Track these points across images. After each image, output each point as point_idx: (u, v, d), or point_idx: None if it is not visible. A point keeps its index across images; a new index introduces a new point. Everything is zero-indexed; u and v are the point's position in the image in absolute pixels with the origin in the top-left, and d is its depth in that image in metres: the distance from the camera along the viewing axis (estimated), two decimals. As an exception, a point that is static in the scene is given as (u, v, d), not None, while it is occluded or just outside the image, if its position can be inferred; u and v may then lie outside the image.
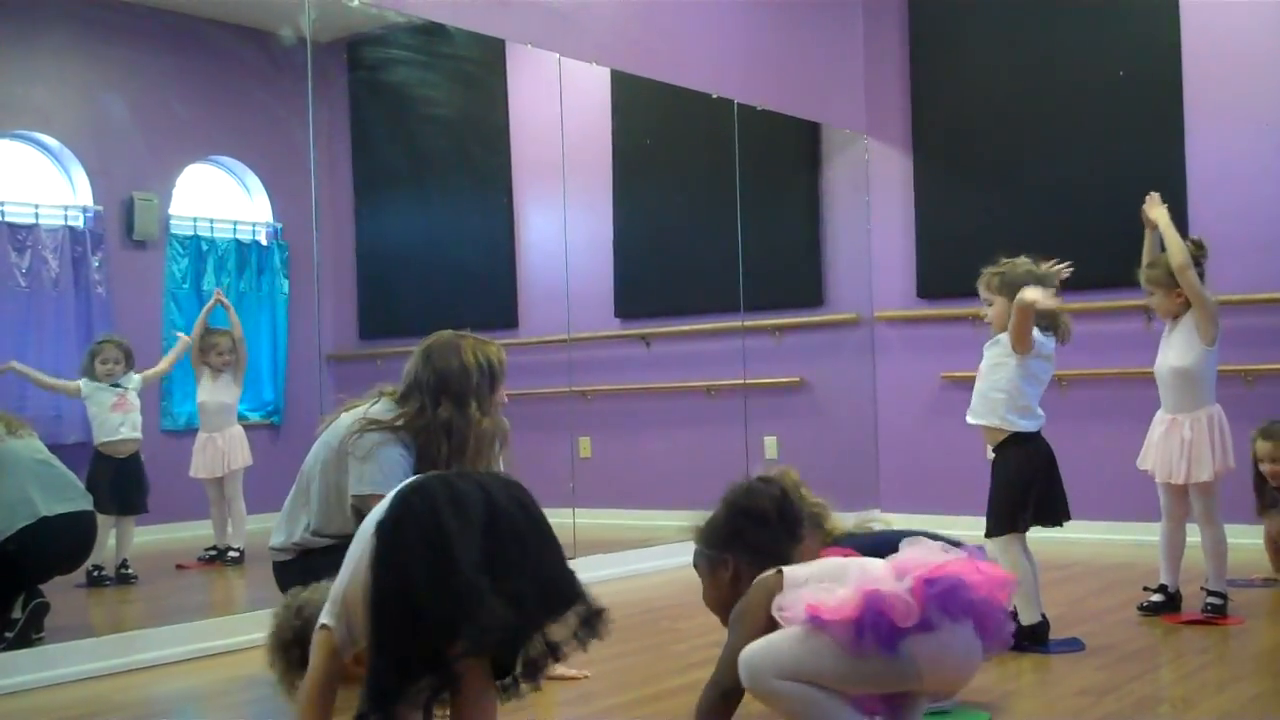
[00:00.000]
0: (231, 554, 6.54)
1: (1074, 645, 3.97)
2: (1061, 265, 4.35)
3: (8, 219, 7.20)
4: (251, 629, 4.44)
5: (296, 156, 6.36)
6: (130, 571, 5.96)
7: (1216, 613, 4.32)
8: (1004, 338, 4.20)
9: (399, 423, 3.56)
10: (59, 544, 4.44)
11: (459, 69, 8.48)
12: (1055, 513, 4.15)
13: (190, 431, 7.83)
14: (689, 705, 3.25)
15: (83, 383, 6.07)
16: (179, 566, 6.45)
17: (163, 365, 6.50)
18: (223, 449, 6.70)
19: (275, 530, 3.80)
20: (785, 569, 2.67)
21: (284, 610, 2.75)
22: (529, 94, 7.88)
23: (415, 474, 3.47)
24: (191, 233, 8.15)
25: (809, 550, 2.92)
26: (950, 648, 2.46)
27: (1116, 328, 6.64)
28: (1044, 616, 3.99)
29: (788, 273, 7.59)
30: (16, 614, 4.19)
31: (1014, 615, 4.00)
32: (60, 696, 3.77)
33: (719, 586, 2.88)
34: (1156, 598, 4.47)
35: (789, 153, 7.74)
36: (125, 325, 7.60)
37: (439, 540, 2.17)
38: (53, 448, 4.81)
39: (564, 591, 2.31)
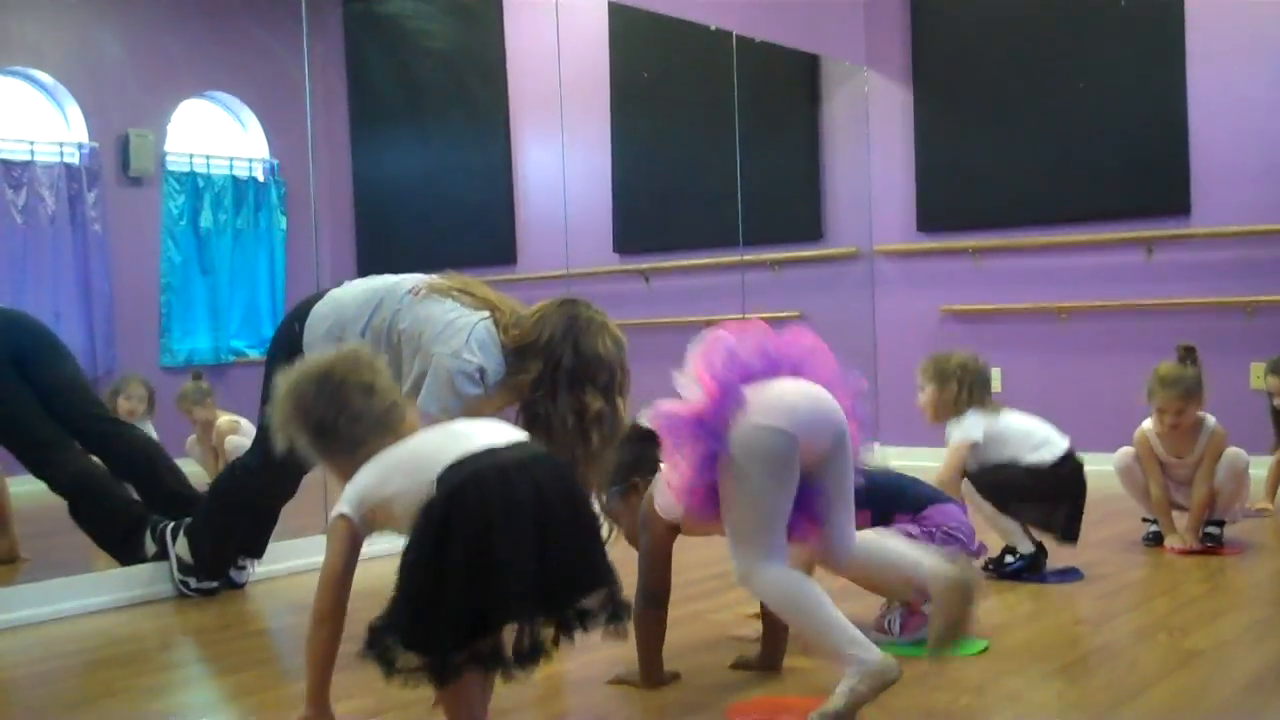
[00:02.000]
0: None
1: (1072, 575, 3.99)
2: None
3: (3, 156, 7.17)
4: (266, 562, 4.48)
5: (292, 91, 6.31)
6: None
7: (1214, 542, 4.34)
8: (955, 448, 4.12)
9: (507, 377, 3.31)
10: None
11: (455, 1, 8.41)
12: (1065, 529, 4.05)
13: (189, 368, 7.83)
14: (695, 635, 3.28)
15: None
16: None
17: None
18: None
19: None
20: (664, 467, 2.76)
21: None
22: (526, 26, 7.81)
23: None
24: (188, 169, 8.12)
25: None
26: (780, 397, 2.57)
27: (1117, 260, 6.63)
28: (1041, 546, 4.01)
29: (787, 207, 7.56)
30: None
31: (1009, 549, 4.03)
32: (66, 629, 3.79)
33: (633, 513, 2.96)
34: (1155, 528, 4.49)
35: (788, 85, 7.69)
36: (123, 262, 7.59)
37: (483, 547, 2.17)
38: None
39: (594, 574, 2.28)
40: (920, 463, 5.00)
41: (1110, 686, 2.80)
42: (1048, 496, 4.00)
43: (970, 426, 4.08)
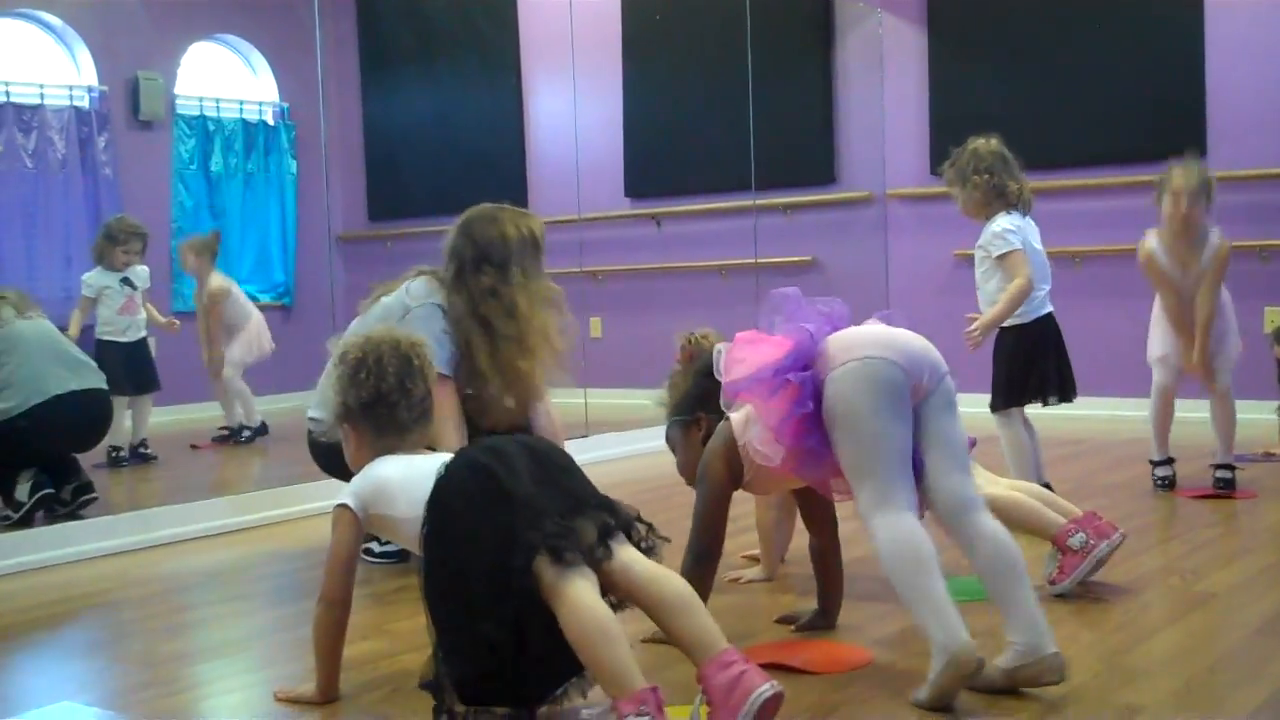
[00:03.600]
0: (245, 434, 6.57)
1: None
2: None
3: (12, 99, 7.15)
4: (269, 506, 4.51)
5: (302, 34, 6.29)
6: (149, 451, 6.01)
7: (1227, 486, 4.34)
8: (985, 244, 4.22)
9: (440, 301, 3.51)
10: (72, 422, 4.46)
11: (465, -57, 8.35)
12: (1061, 389, 4.17)
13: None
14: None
15: (95, 274, 5.90)
16: (193, 446, 6.50)
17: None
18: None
19: (315, 405, 3.70)
20: (731, 414, 2.70)
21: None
22: (537, -32, 7.77)
23: (458, 359, 3.47)
24: (198, 113, 8.10)
25: None
26: (873, 334, 2.51)
27: (1132, 203, 6.56)
28: (1049, 486, 4.01)
29: (800, 150, 7.51)
30: (23, 497, 4.23)
31: None
32: (82, 572, 3.82)
33: (693, 448, 2.92)
34: (1166, 470, 4.47)
35: (801, 28, 7.62)
36: (133, 206, 7.57)
37: (487, 482, 2.18)
38: (61, 329, 4.80)
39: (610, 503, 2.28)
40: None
41: (1123, 629, 2.81)
42: (1031, 358, 4.11)
43: (1010, 234, 4.12)
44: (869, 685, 2.47)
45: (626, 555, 2.19)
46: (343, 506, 2.38)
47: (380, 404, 2.46)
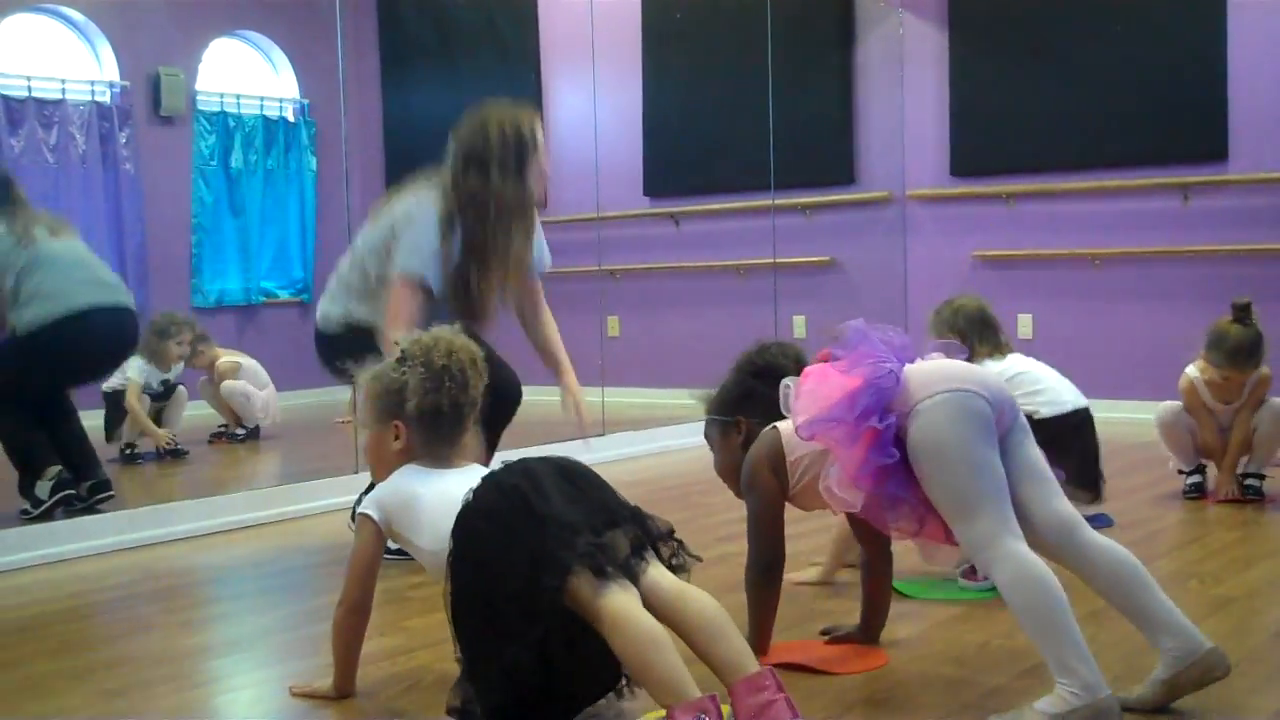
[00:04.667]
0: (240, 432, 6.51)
1: (1102, 521, 3.97)
2: None
3: (34, 94, 7.18)
4: (286, 501, 4.52)
5: (323, 31, 6.29)
6: (181, 446, 6.00)
7: (1256, 494, 4.29)
8: None
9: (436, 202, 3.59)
10: (98, 338, 4.41)
11: (486, -59, 8.34)
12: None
13: (220, 309, 7.86)
14: (719, 578, 3.28)
15: (138, 367, 5.84)
16: (211, 440, 6.50)
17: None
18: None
19: (325, 300, 3.80)
20: (780, 424, 2.63)
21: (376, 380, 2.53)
22: (557, -34, 7.77)
23: (456, 256, 3.54)
24: (219, 109, 8.12)
25: None
26: (952, 368, 2.42)
27: (1152, 206, 6.56)
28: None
29: (819, 150, 7.50)
30: (44, 495, 4.23)
31: None
32: (100, 566, 3.83)
33: (731, 451, 2.82)
34: (1196, 478, 4.43)
35: (822, 26, 7.60)
36: (154, 202, 7.61)
37: (516, 503, 2.16)
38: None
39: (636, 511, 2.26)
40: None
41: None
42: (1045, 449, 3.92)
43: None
44: (885, 685, 2.46)
45: (655, 572, 2.17)
46: (365, 516, 2.38)
47: (450, 416, 2.42)
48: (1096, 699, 2.12)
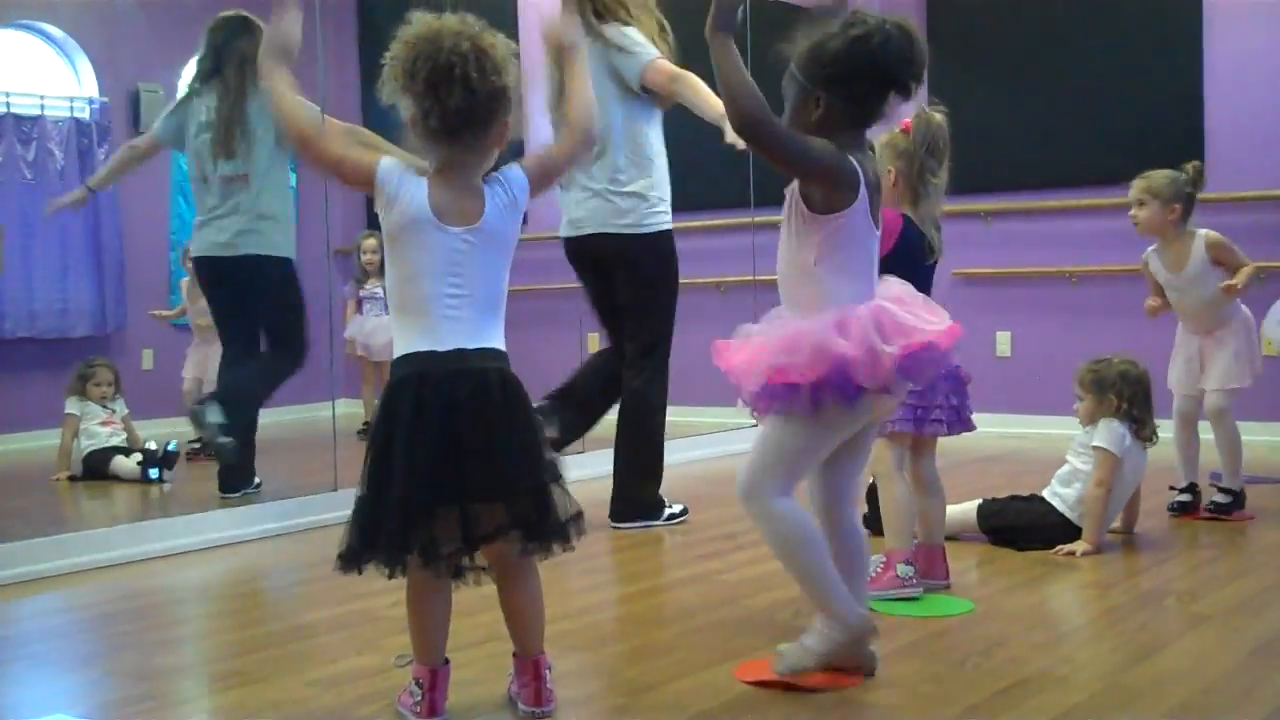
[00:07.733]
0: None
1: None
2: None
3: (12, 110, 7.15)
4: (267, 519, 4.50)
5: (303, 46, 6.29)
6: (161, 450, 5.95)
7: (1222, 511, 4.30)
8: (1096, 449, 3.89)
9: None
10: None
11: (466, -43, 8.35)
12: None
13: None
14: (695, 596, 3.29)
15: (73, 402, 5.97)
16: (189, 457, 6.45)
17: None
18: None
19: None
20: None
21: None
22: (537, -18, 7.76)
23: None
24: (198, 125, 8.07)
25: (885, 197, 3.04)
26: (897, 395, 2.65)
27: (1130, 224, 6.55)
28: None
29: (799, 168, 7.50)
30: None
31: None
32: (79, 584, 3.81)
33: (802, 123, 2.74)
34: (1184, 497, 4.42)
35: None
36: (132, 219, 7.58)
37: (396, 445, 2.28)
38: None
39: (493, 483, 2.30)
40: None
41: (1118, 649, 2.80)
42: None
43: (1121, 436, 3.89)
44: (860, 704, 2.46)
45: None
46: (380, 160, 2.54)
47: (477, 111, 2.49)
48: (851, 620, 2.52)
